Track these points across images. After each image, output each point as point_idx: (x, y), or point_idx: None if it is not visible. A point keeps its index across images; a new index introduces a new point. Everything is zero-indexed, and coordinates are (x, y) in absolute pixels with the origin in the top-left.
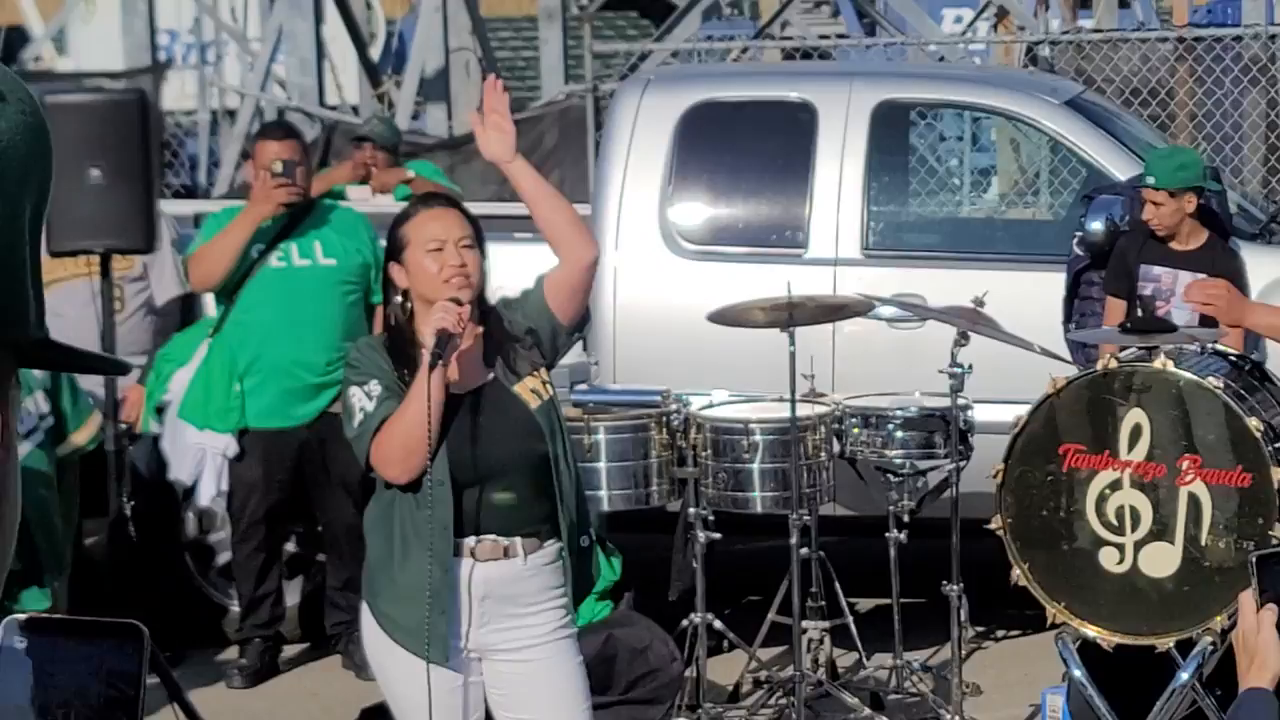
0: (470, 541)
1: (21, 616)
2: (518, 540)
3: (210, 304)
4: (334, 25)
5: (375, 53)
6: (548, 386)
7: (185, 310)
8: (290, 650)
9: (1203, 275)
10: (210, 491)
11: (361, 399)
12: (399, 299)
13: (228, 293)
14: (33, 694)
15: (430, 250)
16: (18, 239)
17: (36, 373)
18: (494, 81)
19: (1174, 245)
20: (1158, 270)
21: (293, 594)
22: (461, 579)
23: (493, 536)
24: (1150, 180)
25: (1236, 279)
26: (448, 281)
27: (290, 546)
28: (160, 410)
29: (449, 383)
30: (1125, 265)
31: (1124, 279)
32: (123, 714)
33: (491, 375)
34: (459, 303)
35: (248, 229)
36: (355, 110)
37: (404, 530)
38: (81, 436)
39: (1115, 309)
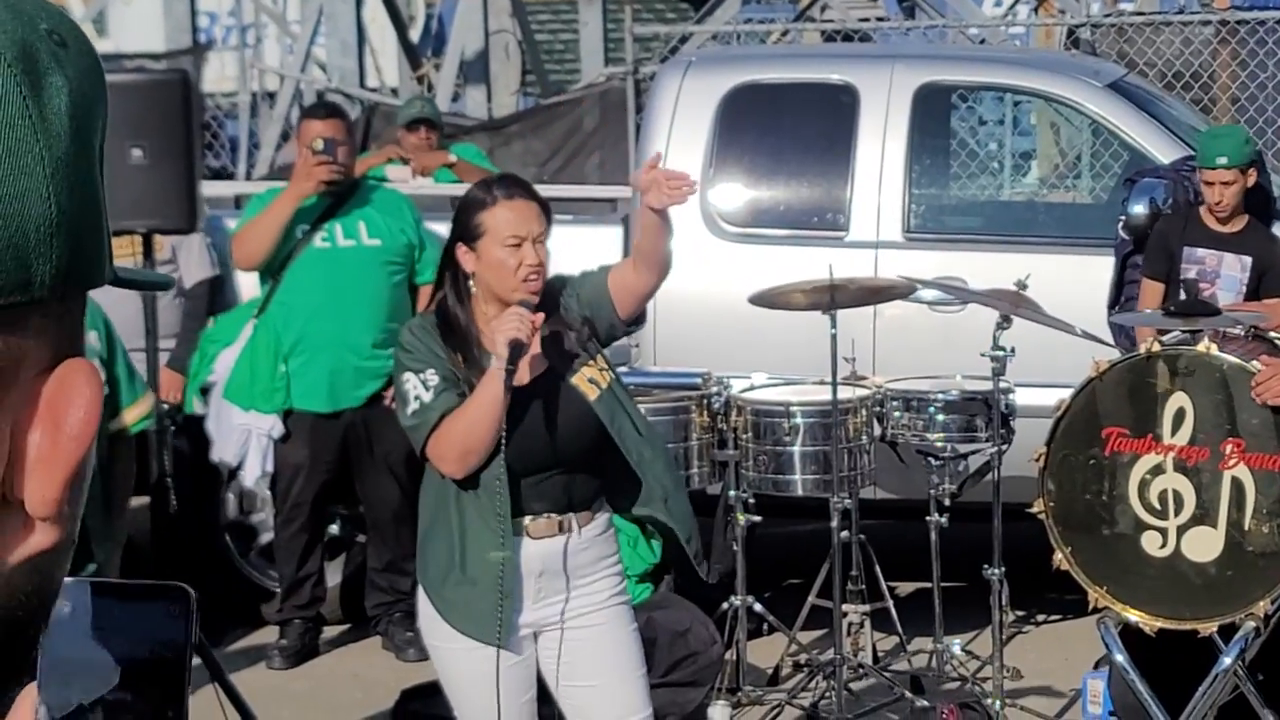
0: (525, 521)
1: (69, 580)
2: (571, 515)
3: (242, 286)
4: (374, 7)
5: (415, 35)
6: (605, 374)
7: (214, 294)
8: (331, 631)
9: (1247, 257)
10: (255, 472)
11: (417, 387)
12: (465, 281)
13: (272, 273)
14: (83, 658)
15: (508, 245)
16: (96, 188)
17: (93, 341)
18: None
19: (1217, 227)
20: (1201, 252)
21: (333, 575)
22: (519, 558)
23: (547, 515)
24: (1223, 160)
25: None
26: (525, 280)
27: (333, 528)
28: (205, 391)
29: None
30: (1167, 248)
31: (1164, 261)
32: (169, 680)
33: (548, 366)
34: (529, 308)
35: (289, 207)
36: (395, 92)
37: (461, 517)
38: (131, 415)
39: (1152, 292)
